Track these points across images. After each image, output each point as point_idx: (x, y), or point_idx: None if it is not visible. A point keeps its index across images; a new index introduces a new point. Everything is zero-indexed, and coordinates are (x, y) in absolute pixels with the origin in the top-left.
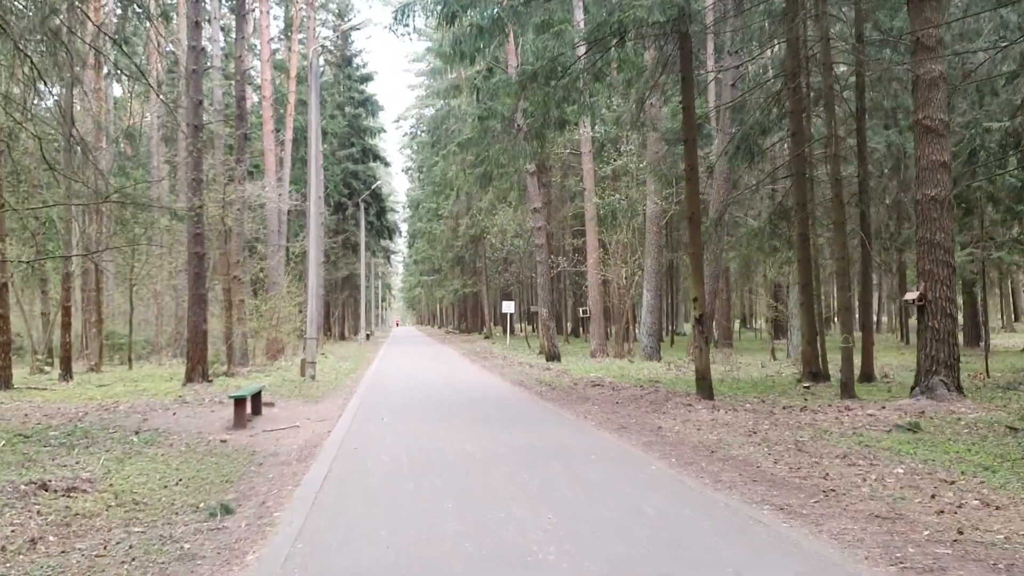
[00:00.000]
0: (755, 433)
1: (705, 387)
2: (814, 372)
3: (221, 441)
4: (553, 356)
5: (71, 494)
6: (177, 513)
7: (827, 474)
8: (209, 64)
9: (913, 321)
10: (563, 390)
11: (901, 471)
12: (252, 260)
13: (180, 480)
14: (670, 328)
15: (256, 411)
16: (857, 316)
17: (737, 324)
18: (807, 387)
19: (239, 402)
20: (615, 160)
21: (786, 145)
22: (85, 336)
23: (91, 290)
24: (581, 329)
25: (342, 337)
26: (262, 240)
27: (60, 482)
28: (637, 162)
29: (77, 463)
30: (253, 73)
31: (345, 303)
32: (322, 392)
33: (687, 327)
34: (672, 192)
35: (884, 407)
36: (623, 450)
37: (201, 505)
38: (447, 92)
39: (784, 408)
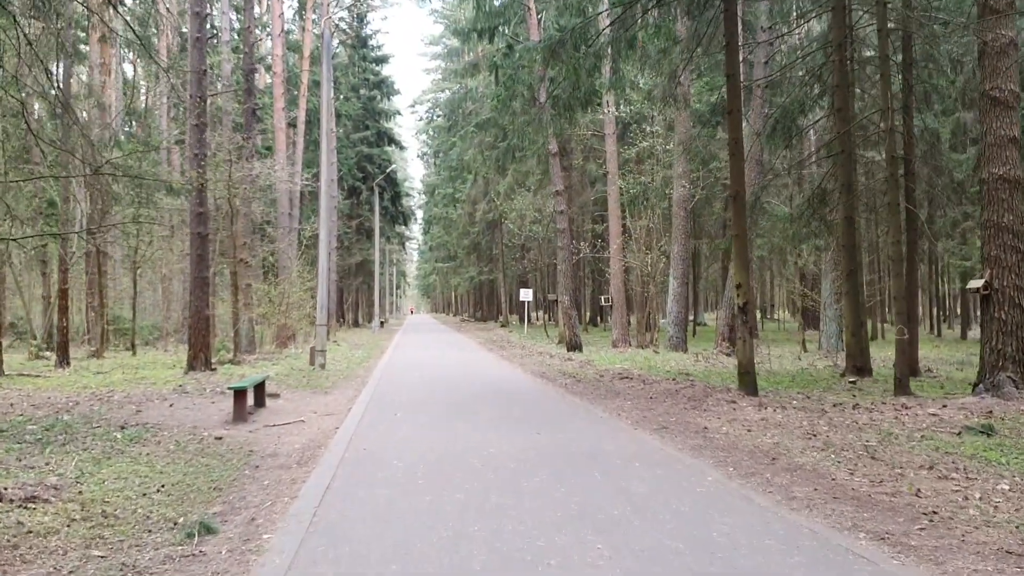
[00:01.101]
0: (814, 436)
1: (749, 382)
2: (859, 366)
3: (216, 438)
4: (575, 346)
5: (29, 505)
6: (151, 531)
7: (919, 490)
8: (216, 33)
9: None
10: (589, 383)
11: (1006, 487)
12: (263, 243)
13: (162, 487)
14: (691, 318)
15: (259, 403)
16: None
17: (758, 314)
18: (852, 382)
19: (239, 394)
20: (640, 142)
21: (813, 131)
22: (88, 321)
23: (93, 272)
24: (599, 318)
25: (355, 324)
26: (273, 223)
27: (18, 490)
28: (663, 144)
29: (47, 464)
30: (264, 52)
31: (359, 289)
32: (332, 382)
33: (708, 318)
34: (699, 175)
35: (945, 405)
36: (669, 456)
37: (181, 520)
38: (465, 71)
39: (835, 406)
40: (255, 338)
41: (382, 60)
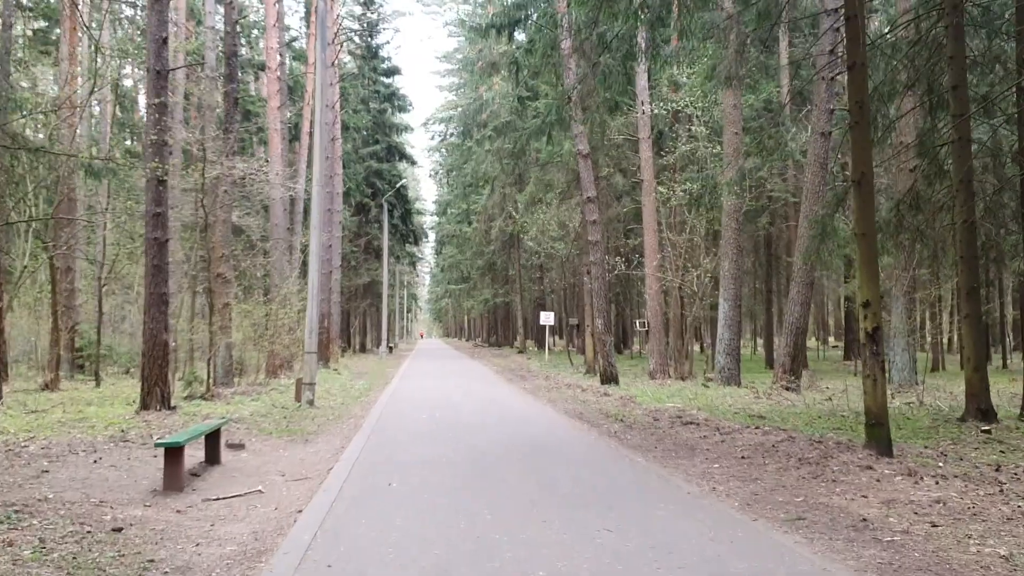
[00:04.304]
0: None
1: (881, 437)
2: (983, 409)
3: (113, 530)
4: (610, 377)
5: None
6: None
7: None
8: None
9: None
10: (644, 429)
11: None
12: (253, 256)
13: None
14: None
15: (213, 458)
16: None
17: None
18: (986, 430)
19: (172, 452)
20: (681, 145)
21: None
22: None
23: (41, 291)
24: (622, 344)
25: (362, 349)
26: (268, 236)
27: None
28: (709, 148)
29: None
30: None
31: (366, 312)
32: (318, 425)
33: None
34: (748, 184)
35: None
36: None
37: None
38: (483, 72)
39: (997, 470)
40: (232, 367)
41: (393, 72)
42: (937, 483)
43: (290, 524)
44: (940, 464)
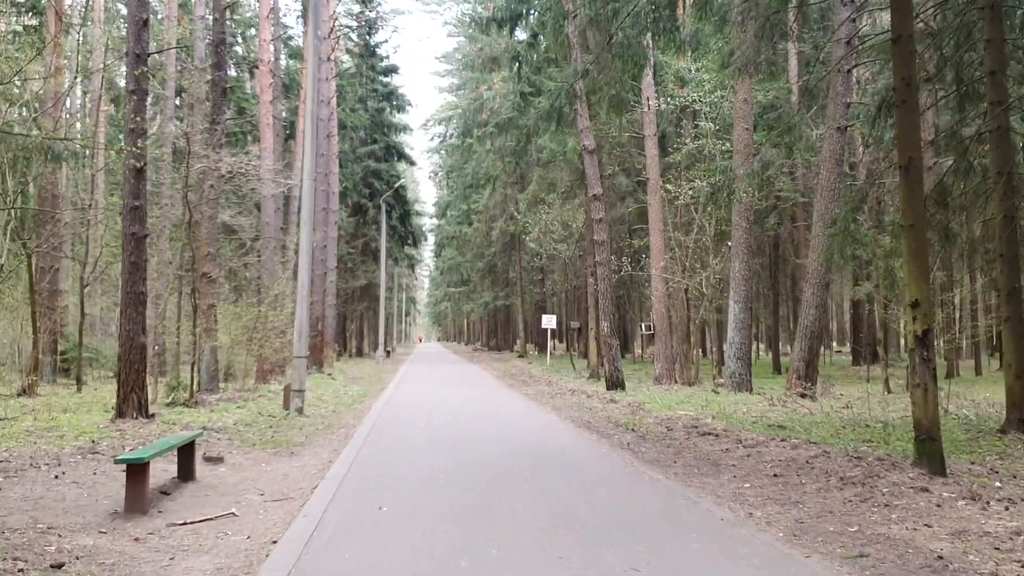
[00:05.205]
0: None
1: (934, 454)
2: None
3: (53, 566)
4: (616, 383)
5: None
6: None
7: None
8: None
9: None
10: (658, 441)
11: None
12: (246, 256)
13: None
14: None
15: (186, 474)
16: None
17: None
18: None
19: (135, 469)
20: (690, 141)
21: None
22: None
23: (26, 291)
24: (624, 348)
25: (359, 353)
26: (260, 234)
27: None
28: (718, 145)
29: None
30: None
31: (363, 315)
32: (306, 435)
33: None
34: (759, 181)
35: None
36: None
37: None
38: (484, 66)
39: None
40: (218, 372)
41: (391, 70)
42: (1007, 509)
43: (261, 559)
44: (998, 484)
